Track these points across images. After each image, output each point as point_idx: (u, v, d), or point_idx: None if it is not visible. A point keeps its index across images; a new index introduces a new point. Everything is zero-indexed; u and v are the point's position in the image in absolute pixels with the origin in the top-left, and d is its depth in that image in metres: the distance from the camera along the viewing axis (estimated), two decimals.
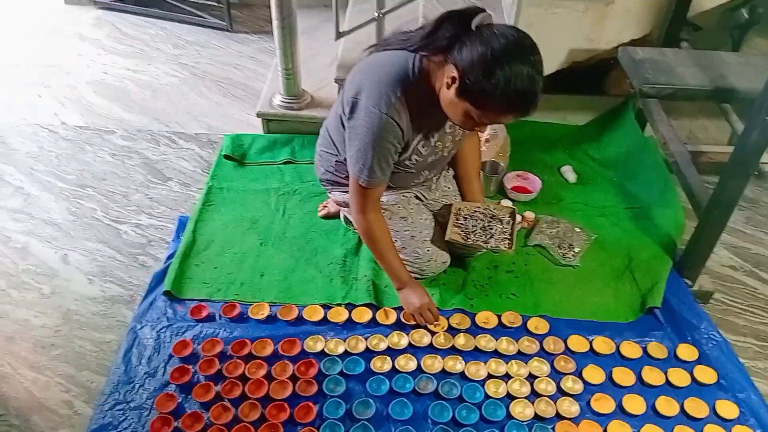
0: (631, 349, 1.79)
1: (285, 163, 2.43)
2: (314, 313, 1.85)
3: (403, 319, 1.84)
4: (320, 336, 1.79)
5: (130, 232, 2.18)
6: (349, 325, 1.84)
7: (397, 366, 1.72)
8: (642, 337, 1.84)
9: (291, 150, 2.48)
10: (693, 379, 1.73)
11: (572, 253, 2.08)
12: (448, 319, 1.85)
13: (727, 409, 1.65)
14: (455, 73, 1.47)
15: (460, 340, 1.79)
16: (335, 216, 2.18)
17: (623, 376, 1.73)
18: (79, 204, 2.28)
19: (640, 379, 1.73)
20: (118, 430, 1.57)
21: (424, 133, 1.71)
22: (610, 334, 1.84)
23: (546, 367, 1.74)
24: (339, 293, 1.93)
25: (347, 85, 1.68)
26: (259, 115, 2.52)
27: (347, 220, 2.08)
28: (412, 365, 1.73)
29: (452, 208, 1.95)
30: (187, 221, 2.16)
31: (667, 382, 1.72)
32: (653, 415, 1.65)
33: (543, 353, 1.78)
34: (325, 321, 1.85)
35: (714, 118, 2.69)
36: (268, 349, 1.75)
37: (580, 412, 1.64)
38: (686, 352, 1.79)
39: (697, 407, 1.65)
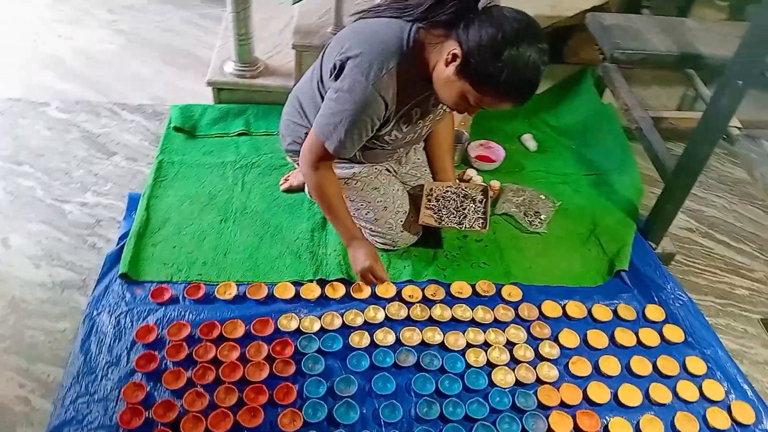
0: (602, 312, 1.82)
1: (239, 134, 2.31)
2: (285, 291, 1.78)
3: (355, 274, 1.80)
4: (293, 314, 1.72)
5: (75, 211, 2.02)
6: (323, 301, 1.78)
7: (375, 340, 1.68)
8: (611, 299, 1.87)
9: (245, 121, 2.36)
10: (662, 338, 1.77)
11: (539, 220, 2.08)
12: (423, 290, 1.82)
13: (696, 365, 1.71)
14: (457, 51, 1.41)
15: (437, 311, 1.76)
16: (298, 189, 2.09)
17: (597, 338, 1.75)
18: (16, 183, 2.09)
19: (612, 340, 1.76)
20: (83, 424, 1.45)
21: (407, 109, 1.63)
22: (580, 298, 1.86)
23: (523, 334, 1.74)
24: (309, 269, 1.85)
25: (331, 50, 1.59)
26: (210, 83, 2.38)
27: None
28: (390, 339, 1.69)
29: (424, 190, 1.90)
30: (138, 198, 2.02)
31: (639, 342, 1.76)
32: (628, 375, 1.68)
33: (519, 320, 1.79)
34: (297, 298, 1.78)
35: (666, 85, 2.75)
36: (240, 330, 1.67)
37: (560, 376, 1.65)
38: (654, 312, 1.84)
39: (668, 365, 1.70)
